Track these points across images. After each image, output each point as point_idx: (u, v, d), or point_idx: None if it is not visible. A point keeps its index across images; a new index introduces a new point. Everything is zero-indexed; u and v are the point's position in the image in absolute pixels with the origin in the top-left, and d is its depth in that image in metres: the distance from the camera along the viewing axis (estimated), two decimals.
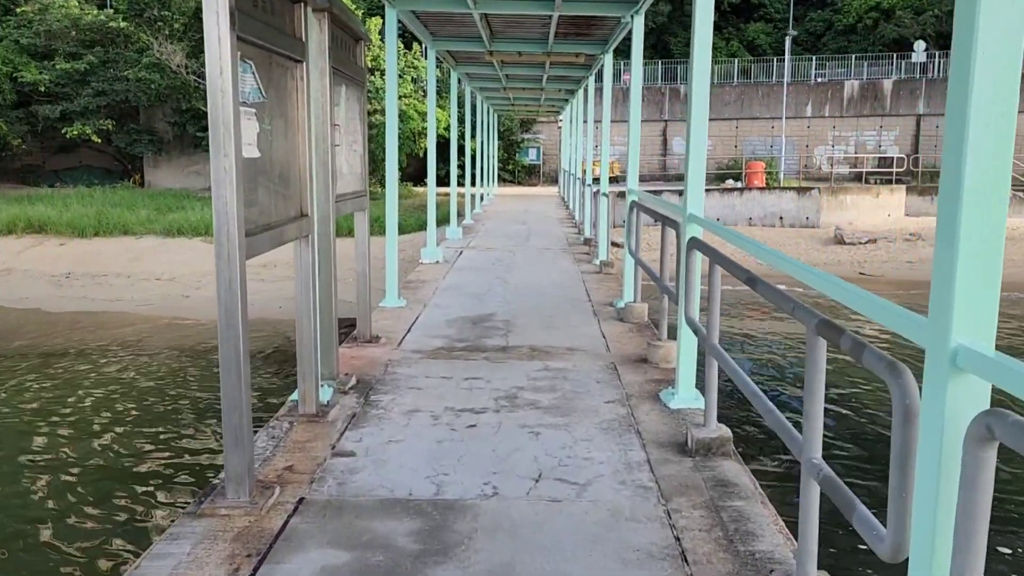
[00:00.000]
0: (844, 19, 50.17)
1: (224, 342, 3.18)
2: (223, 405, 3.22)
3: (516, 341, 6.09)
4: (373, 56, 32.16)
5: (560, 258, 10.99)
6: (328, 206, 4.75)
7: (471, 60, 12.34)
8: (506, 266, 10.09)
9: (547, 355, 5.67)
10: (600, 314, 7.15)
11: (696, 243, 4.22)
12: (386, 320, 6.78)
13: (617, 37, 9.25)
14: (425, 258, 10.24)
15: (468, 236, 13.79)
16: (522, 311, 7.24)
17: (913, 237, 23.58)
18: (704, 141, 4.41)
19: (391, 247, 7.42)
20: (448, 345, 5.96)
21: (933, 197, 27.14)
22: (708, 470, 3.63)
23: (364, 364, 5.37)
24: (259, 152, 3.49)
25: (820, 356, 2.38)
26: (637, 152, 7.32)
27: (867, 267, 21.32)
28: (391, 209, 7.40)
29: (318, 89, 4.66)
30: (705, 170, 4.47)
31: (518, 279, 9.07)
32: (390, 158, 7.40)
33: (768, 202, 25.39)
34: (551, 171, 38.78)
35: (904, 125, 35.19)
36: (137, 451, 7.75)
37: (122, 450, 7.78)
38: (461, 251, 11.59)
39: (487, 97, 20.82)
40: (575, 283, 8.82)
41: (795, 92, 34.75)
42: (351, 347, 5.82)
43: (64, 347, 12.32)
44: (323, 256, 4.72)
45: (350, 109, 5.38)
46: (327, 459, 3.74)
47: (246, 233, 3.26)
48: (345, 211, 5.26)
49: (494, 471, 3.60)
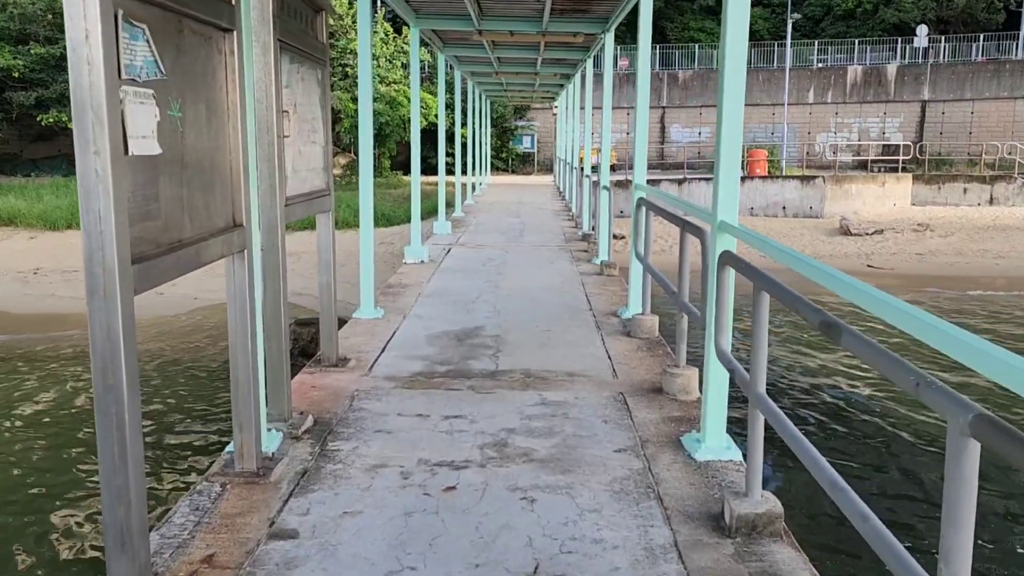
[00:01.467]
0: (844, 4, 49.29)
1: (102, 411, 2.31)
2: (103, 498, 2.36)
3: (507, 363, 5.24)
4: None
5: (557, 257, 10.13)
6: (275, 212, 3.89)
7: (459, 41, 11.43)
8: (497, 266, 9.23)
9: (543, 382, 4.82)
10: (603, 326, 6.30)
11: (730, 259, 3.37)
12: (359, 336, 5.92)
13: (620, 14, 8.36)
14: (409, 257, 9.37)
15: (458, 231, 12.91)
16: (515, 323, 6.39)
17: (921, 228, 22.78)
18: (739, 131, 3.56)
19: (366, 250, 6.55)
20: (428, 369, 5.11)
21: (940, 186, 26.37)
22: (755, 559, 2.80)
23: (325, 397, 4.51)
24: (160, 147, 2.61)
25: (971, 463, 1.54)
26: (645, 140, 6.46)
27: (875, 259, 20.50)
28: (366, 206, 6.52)
29: (261, 67, 3.79)
30: (739, 159, 3.63)
31: (511, 282, 8.21)
32: (363, 149, 6.52)
33: (770, 191, 24.55)
34: (546, 159, 37.85)
35: (908, 111, 34.30)
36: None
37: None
38: (449, 248, 10.72)
39: (479, 82, 19.89)
40: (574, 287, 7.96)
41: (797, 77, 33.80)
42: (313, 372, 4.97)
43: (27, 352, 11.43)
44: (269, 273, 3.86)
45: (307, 92, 4.50)
46: (261, 543, 2.89)
47: (136, 258, 2.40)
48: (299, 215, 4.38)
49: (476, 562, 2.76)
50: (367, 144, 6.50)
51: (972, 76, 33.61)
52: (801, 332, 12.59)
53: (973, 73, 33.72)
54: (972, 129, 32.97)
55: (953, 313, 15.19)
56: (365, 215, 6.53)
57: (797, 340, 12.38)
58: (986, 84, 33.26)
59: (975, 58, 35.54)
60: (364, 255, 6.54)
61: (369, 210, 6.53)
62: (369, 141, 6.49)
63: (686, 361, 4.64)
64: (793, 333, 12.74)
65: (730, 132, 3.52)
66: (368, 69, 6.35)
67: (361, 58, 6.33)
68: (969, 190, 26.30)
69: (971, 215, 24.89)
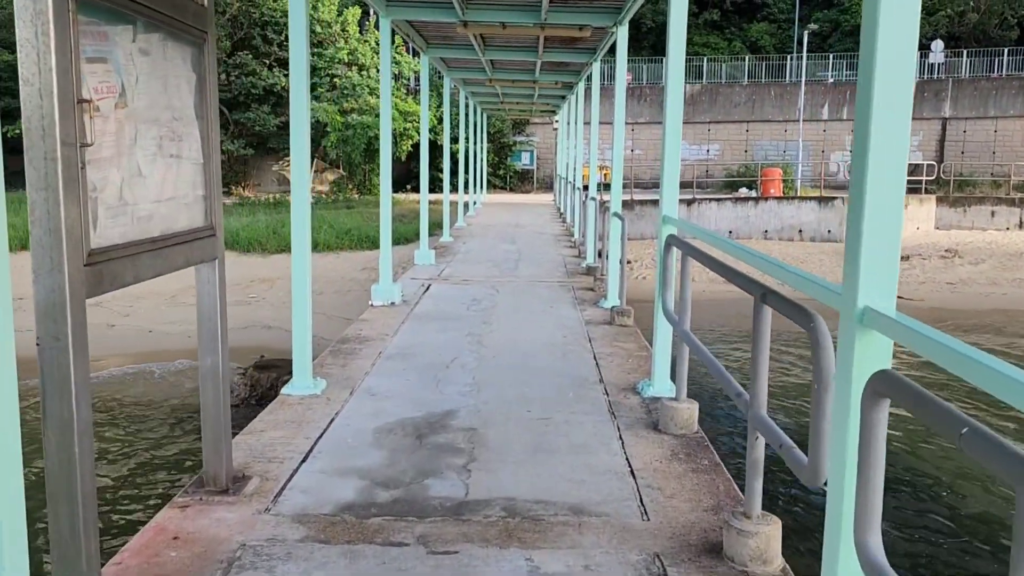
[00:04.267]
0: (851, 19, 47.94)
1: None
2: None
3: (483, 486, 3.53)
4: (351, 50, 29.63)
5: (557, 297, 8.42)
6: (60, 277, 2.20)
7: (444, 40, 9.81)
8: (484, 311, 7.54)
9: (535, 530, 3.12)
10: (620, 412, 4.60)
11: (890, 389, 1.67)
12: (279, 429, 4.22)
13: (635, 3, 6.74)
14: (376, 298, 7.68)
15: (443, 260, 11.22)
16: (499, 406, 4.69)
17: (949, 254, 21.12)
18: None
19: (300, 301, 4.86)
20: (363, 498, 3.40)
21: (966, 209, 24.75)
22: None
23: (183, 567, 2.80)
24: None
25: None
26: (677, 159, 4.78)
27: (903, 289, 18.81)
28: (300, 245, 4.84)
29: (31, 24, 2.13)
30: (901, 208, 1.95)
31: (499, 337, 6.50)
32: (296, 164, 4.84)
33: (786, 213, 22.91)
34: (545, 177, 36.22)
35: (928, 129, 32.66)
36: None
37: None
38: (428, 285, 9.02)
39: (472, 92, 18.28)
40: (579, 345, 6.26)
41: (811, 93, 32.18)
42: (185, 506, 3.26)
43: None
44: (55, 397, 2.17)
45: (164, 79, 2.82)
46: None
47: None
48: (143, 273, 2.69)
49: None
50: (301, 152, 4.82)
51: (996, 92, 31.99)
52: None
53: (997, 89, 32.10)
54: (996, 148, 31.34)
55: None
56: (299, 253, 4.83)
57: None
58: (1010, 101, 31.64)
59: (996, 74, 33.98)
60: (297, 307, 4.85)
61: (305, 243, 4.84)
62: (304, 148, 4.81)
63: (759, 505, 2.94)
64: None
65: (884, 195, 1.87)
66: (302, 47, 4.69)
67: (292, 45, 4.65)
68: (997, 213, 24.63)
69: (1000, 240, 23.23)
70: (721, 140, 34.24)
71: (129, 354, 12.38)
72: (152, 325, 13.74)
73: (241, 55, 27.70)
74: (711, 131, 34.37)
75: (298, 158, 4.80)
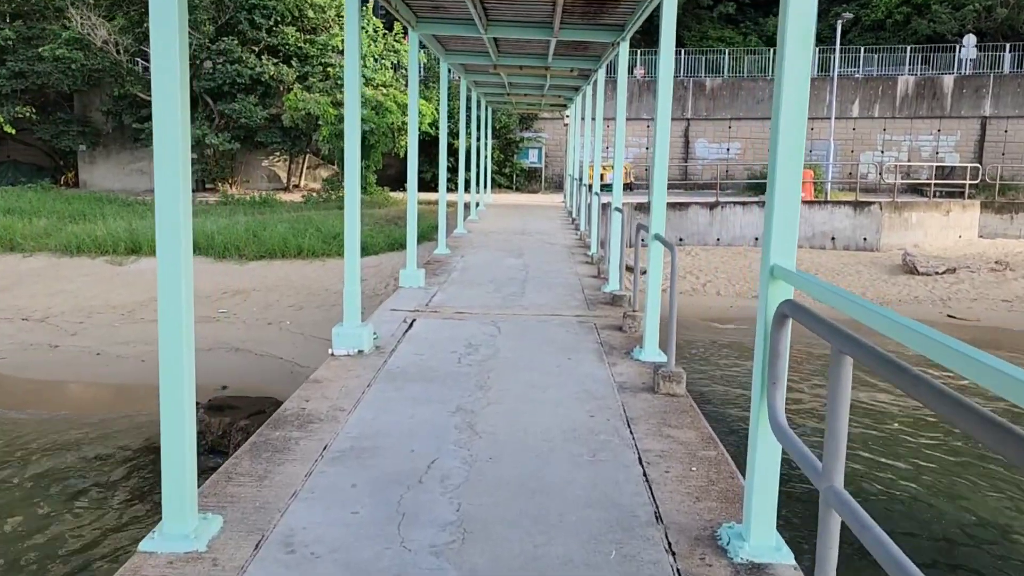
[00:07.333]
0: (872, 14, 45.88)
1: None
2: None
3: None
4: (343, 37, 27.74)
5: (577, 344, 6.47)
6: None
7: (433, 8, 7.99)
8: (481, 366, 5.65)
9: None
10: None
11: None
12: None
13: (637, 20, 4.90)
14: (338, 345, 5.80)
15: (434, 281, 9.34)
16: (497, 563, 2.82)
17: (1000, 267, 19.16)
18: None
19: (172, 405, 3.00)
20: None
21: (1013, 216, 22.77)
22: None
23: None
24: None
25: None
26: (798, 200, 2.91)
27: (953, 307, 16.89)
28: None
29: None
30: None
31: (499, 419, 4.59)
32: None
33: (817, 219, 20.97)
34: (554, 175, 34.26)
35: (966, 128, 30.56)
36: None
37: None
38: (412, 320, 7.14)
39: (475, 82, 16.40)
40: (614, 436, 4.34)
41: (840, 88, 30.15)
42: None
43: None
44: None
45: None
46: None
47: None
48: None
49: None
50: (170, 188, 2.96)
51: None
52: None
53: None
54: None
55: None
56: (168, 325, 2.97)
57: None
58: None
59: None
60: (167, 443, 2.99)
61: (187, 310, 2.97)
62: (176, 185, 2.94)
63: None
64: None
65: None
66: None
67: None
68: None
69: None
70: (743, 138, 32.22)
71: (80, 381, 10.55)
72: (102, 346, 11.91)
73: (225, 40, 25.65)
74: (732, 128, 32.36)
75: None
